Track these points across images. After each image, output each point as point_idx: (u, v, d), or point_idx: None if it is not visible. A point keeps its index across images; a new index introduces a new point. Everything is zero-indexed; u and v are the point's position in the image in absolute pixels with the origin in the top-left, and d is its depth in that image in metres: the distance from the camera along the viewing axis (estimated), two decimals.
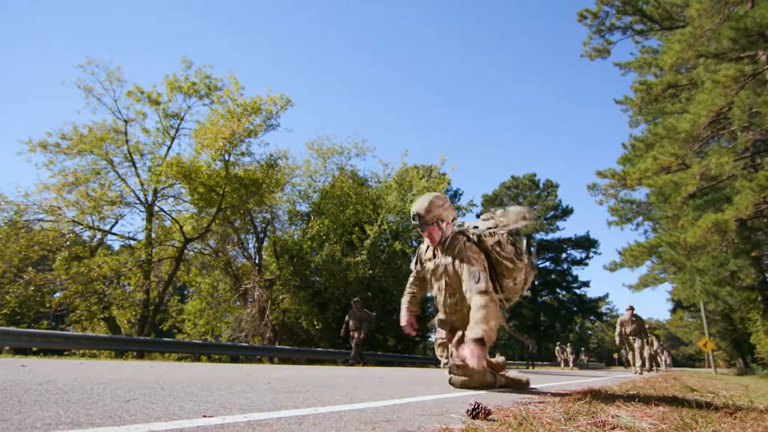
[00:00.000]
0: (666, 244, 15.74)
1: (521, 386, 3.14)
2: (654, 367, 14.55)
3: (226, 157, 13.46)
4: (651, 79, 18.12)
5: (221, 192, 13.19)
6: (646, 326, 12.55)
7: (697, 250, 14.57)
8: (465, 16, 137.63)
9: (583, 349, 32.10)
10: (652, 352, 14.23)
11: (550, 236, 46.57)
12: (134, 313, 14.32)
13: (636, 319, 12.00)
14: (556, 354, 29.88)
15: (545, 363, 33.89)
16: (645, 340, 12.18)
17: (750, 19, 11.23)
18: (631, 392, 3.18)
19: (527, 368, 22.23)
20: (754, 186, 11.63)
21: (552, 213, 45.72)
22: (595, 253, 45.49)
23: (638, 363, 11.74)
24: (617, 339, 12.13)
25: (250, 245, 16.52)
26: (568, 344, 30.86)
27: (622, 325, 12.14)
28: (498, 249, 2.84)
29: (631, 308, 12.13)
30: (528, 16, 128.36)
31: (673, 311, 43.97)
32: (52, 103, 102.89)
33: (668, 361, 19.20)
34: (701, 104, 12.20)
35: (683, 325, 41.56)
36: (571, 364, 28.68)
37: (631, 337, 11.92)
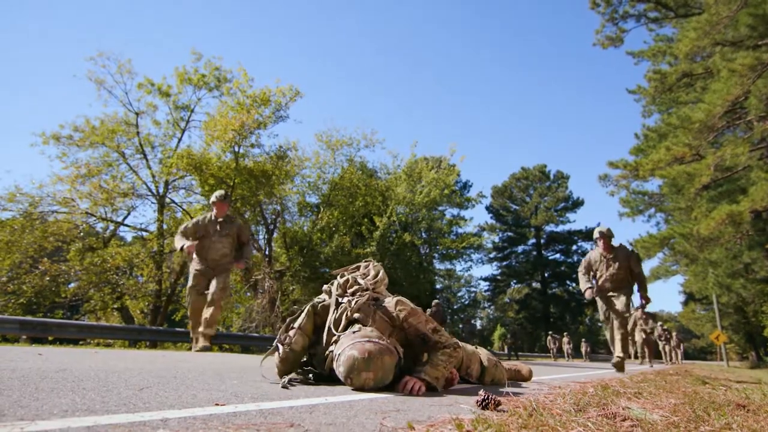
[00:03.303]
0: (679, 236, 15.56)
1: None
2: (648, 358, 12.89)
3: (236, 149, 13.48)
4: (665, 68, 17.77)
5: (231, 183, 13.25)
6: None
7: (710, 242, 14.38)
8: (473, 5, 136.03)
9: (584, 340, 30.03)
10: (646, 329, 12.52)
11: (561, 228, 46.35)
12: (147, 303, 14.52)
13: (617, 255, 5.88)
14: (548, 344, 28.44)
15: (544, 354, 33.21)
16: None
17: None
18: (642, 384, 3.16)
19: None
20: None
21: (562, 205, 45.42)
22: None
23: (618, 347, 6.01)
24: (586, 292, 6.15)
25: (260, 236, 16.60)
26: (565, 334, 29.30)
27: (589, 267, 6.16)
28: None
29: (606, 235, 5.95)
30: (538, 4, 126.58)
31: (685, 304, 43.62)
32: (65, 96, 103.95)
33: (649, 340, 14.15)
34: (717, 93, 11.97)
35: (695, 317, 41.16)
36: (567, 357, 27.46)
37: (610, 293, 6.01)
